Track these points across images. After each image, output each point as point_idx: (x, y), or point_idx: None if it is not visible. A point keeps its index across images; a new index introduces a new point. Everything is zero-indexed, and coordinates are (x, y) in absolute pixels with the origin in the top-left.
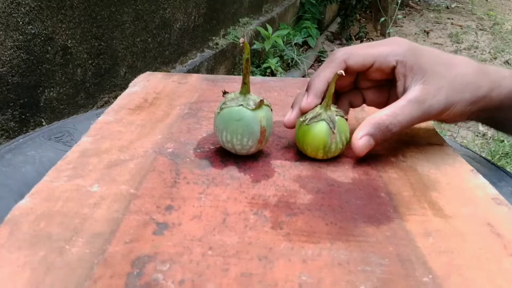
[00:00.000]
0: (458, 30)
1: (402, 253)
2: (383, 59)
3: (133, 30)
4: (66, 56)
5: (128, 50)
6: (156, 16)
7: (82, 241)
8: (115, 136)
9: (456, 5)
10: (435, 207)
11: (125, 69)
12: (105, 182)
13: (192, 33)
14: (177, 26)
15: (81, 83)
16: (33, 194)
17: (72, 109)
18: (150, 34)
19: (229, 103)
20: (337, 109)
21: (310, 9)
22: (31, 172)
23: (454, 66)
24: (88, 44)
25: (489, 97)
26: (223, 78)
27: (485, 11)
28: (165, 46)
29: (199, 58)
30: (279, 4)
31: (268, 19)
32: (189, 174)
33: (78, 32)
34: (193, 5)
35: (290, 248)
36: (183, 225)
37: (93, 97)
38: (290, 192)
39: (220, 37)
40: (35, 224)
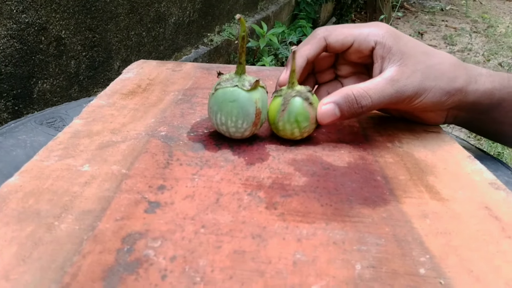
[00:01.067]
0: (452, 32)
1: (398, 233)
2: (363, 39)
3: (128, 23)
4: (59, 47)
5: (122, 43)
6: (151, 9)
7: (72, 218)
8: (107, 119)
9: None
10: (432, 191)
11: (119, 63)
12: (96, 162)
13: (187, 29)
14: (172, 20)
15: (74, 76)
16: (22, 173)
17: (65, 102)
18: (145, 28)
19: (224, 84)
20: (304, 90)
21: (305, 8)
22: (21, 156)
23: (432, 55)
24: (82, 36)
25: (465, 91)
26: (218, 67)
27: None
28: (159, 41)
29: (194, 54)
30: (274, 2)
31: (263, 17)
32: (182, 156)
33: (72, 23)
34: (188, 0)
35: (285, 228)
36: (175, 204)
37: (87, 90)
38: (284, 175)
39: (215, 34)
40: (23, 201)
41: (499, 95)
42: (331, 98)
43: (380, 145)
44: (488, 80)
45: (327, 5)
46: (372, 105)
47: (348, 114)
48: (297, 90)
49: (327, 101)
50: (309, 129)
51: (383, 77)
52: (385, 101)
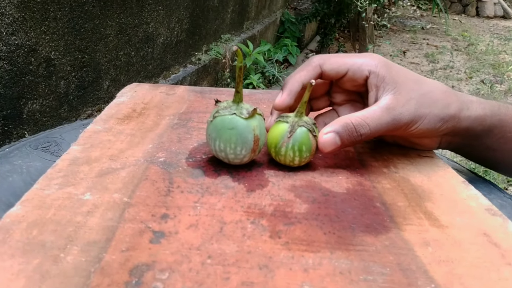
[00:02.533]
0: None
1: (402, 262)
2: (357, 68)
3: (117, 43)
4: (49, 68)
5: (112, 63)
6: (140, 30)
7: (77, 249)
8: (104, 145)
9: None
10: (431, 217)
11: (108, 82)
12: (97, 190)
13: (175, 48)
14: (160, 40)
15: (64, 96)
16: (24, 202)
17: (55, 122)
18: (133, 48)
19: (222, 112)
20: (310, 122)
21: (290, 27)
22: (18, 182)
23: (424, 83)
24: (72, 57)
25: (457, 117)
26: (210, 90)
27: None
28: (148, 60)
29: (182, 73)
30: (259, 21)
31: (249, 36)
32: (182, 183)
33: (61, 44)
34: (176, 20)
35: (290, 257)
36: (179, 234)
37: (76, 110)
38: (285, 202)
39: (202, 53)
40: (27, 232)
41: (490, 121)
42: (331, 127)
43: (377, 171)
44: (480, 107)
45: (311, 24)
46: (371, 133)
47: (348, 142)
48: (304, 120)
49: (328, 130)
50: (308, 159)
51: (379, 105)
52: (383, 129)
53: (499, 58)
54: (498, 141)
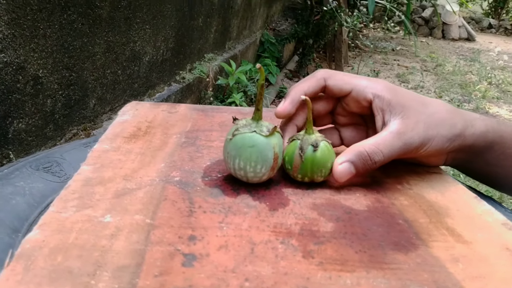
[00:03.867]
0: (404, 71)
1: (437, 280)
2: (361, 90)
3: (104, 61)
4: (36, 86)
5: (98, 81)
6: (127, 48)
7: (108, 275)
8: (116, 165)
9: (400, 47)
10: (454, 234)
11: (95, 101)
12: (117, 212)
13: (160, 67)
14: (147, 59)
15: (50, 115)
16: (42, 226)
17: (40, 141)
18: (120, 66)
19: (242, 129)
20: (320, 138)
21: (269, 48)
22: (22, 204)
23: (429, 104)
24: (59, 75)
25: (463, 135)
26: (212, 109)
27: (427, 54)
28: (134, 79)
29: (167, 91)
30: (240, 41)
31: (231, 55)
32: (203, 203)
33: (49, 62)
34: (162, 39)
35: (328, 278)
36: (211, 256)
37: (62, 129)
38: (310, 220)
39: (186, 72)
40: (51, 259)
41: (492, 137)
42: (345, 157)
43: (391, 187)
44: (482, 123)
45: (288, 45)
46: (384, 160)
47: (362, 170)
48: (314, 138)
49: (342, 160)
50: (326, 175)
51: (389, 131)
52: (395, 154)
53: (466, 78)
54: (498, 157)
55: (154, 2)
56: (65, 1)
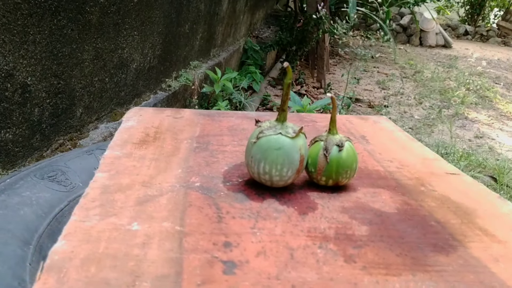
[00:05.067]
0: (384, 78)
1: (484, 280)
2: None
3: (92, 69)
4: (25, 95)
5: (86, 89)
6: (115, 55)
7: (148, 285)
8: (131, 171)
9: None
10: (487, 234)
11: (82, 110)
12: (143, 220)
13: (147, 74)
14: (134, 66)
15: (37, 124)
16: (67, 236)
17: (26, 152)
18: (108, 73)
19: (267, 132)
20: (344, 139)
21: (253, 55)
22: (30, 215)
23: None
24: (48, 82)
25: None
26: (218, 114)
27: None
28: (121, 87)
29: (153, 99)
30: (225, 49)
31: (216, 63)
32: (230, 208)
33: (38, 69)
34: (150, 45)
35: (375, 282)
36: (251, 263)
37: (48, 139)
38: (343, 224)
39: (172, 79)
40: (84, 270)
41: None
42: None
43: (415, 189)
44: None
45: (271, 53)
46: None
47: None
48: (339, 138)
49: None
50: (350, 177)
51: None
52: None
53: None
54: None
55: (143, 8)
56: (56, 6)
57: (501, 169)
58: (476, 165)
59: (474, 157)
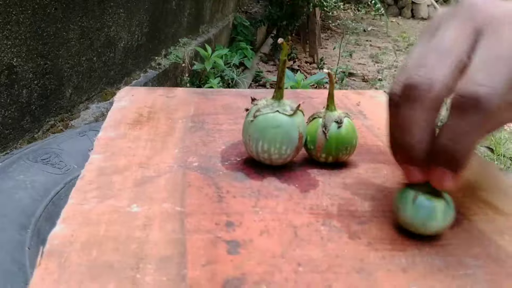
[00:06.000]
0: (377, 51)
1: (490, 252)
2: None
3: (79, 48)
4: (11, 76)
5: (74, 69)
6: (101, 34)
7: (152, 267)
8: (127, 152)
9: (372, 28)
10: (491, 206)
11: (71, 90)
12: (143, 201)
13: (136, 53)
14: (121, 45)
15: (26, 106)
16: (66, 220)
17: (17, 134)
18: (96, 52)
19: (264, 110)
20: (342, 115)
21: (242, 31)
22: (26, 199)
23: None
24: (34, 63)
25: None
26: (212, 92)
27: (399, 34)
28: (110, 66)
29: (143, 78)
30: (214, 25)
31: (205, 40)
32: (230, 187)
33: (23, 50)
34: (137, 23)
35: (382, 258)
36: (255, 242)
37: (39, 121)
38: (346, 200)
39: (162, 57)
40: (85, 254)
41: None
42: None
43: None
44: None
45: (261, 28)
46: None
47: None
48: (337, 114)
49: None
50: (350, 153)
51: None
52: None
53: None
54: None
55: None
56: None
57: (497, 139)
58: None
59: None
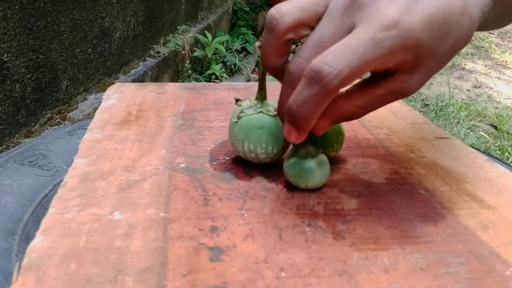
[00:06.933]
0: None
1: (473, 249)
2: None
3: (72, 40)
4: (2, 72)
5: (68, 61)
6: (95, 25)
7: (131, 280)
8: (113, 155)
9: None
10: (476, 199)
11: (67, 82)
12: (126, 208)
13: (133, 42)
14: (117, 35)
15: (20, 100)
16: (45, 231)
17: (13, 129)
18: (90, 44)
19: (247, 111)
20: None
21: (243, 16)
22: (13, 204)
23: None
24: (26, 58)
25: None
26: (203, 86)
27: None
28: (106, 56)
29: (142, 67)
30: (213, 11)
31: (205, 26)
32: (217, 189)
33: (14, 45)
34: (131, 13)
35: (364, 259)
36: (238, 247)
37: (35, 114)
38: (332, 199)
39: (160, 45)
40: (63, 267)
41: None
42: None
43: (404, 156)
44: None
45: (263, 13)
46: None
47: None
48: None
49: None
50: (338, 150)
51: None
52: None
53: None
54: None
55: None
56: None
57: (501, 117)
58: (476, 114)
59: (473, 107)
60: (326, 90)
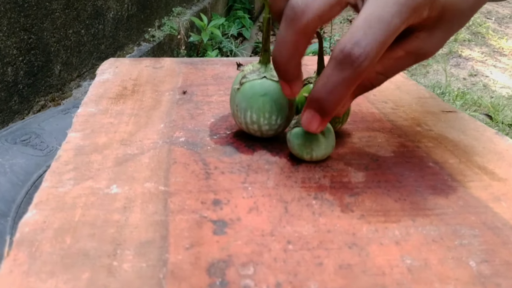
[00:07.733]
0: None
1: (486, 221)
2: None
3: (64, 19)
4: None
5: (61, 43)
6: (88, 3)
7: (131, 253)
8: (108, 129)
9: None
10: (487, 172)
11: (60, 67)
12: (123, 181)
13: (127, 24)
14: (111, 15)
15: (13, 85)
16: (38, 205)
17: (6, 117)
18: (83, 24)
19: (250, 76)
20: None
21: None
22: (5, 184)
23: None
24: (17, 38)
25: None
26: (201, 61)
27: None
28: (100, 39)
29: (137, 52)
30: None
31: (201, 8)
32: (218, 163)
33: (4, 23)
34: None
35: (374, 231)
36: (243, 220)
37: (28, 101)
38: (338, 172)
39: (155, 29)
40: (58, 241)
41: None
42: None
43: (411, 130)
44: None
45: None
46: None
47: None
48: None
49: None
50: (344, 122)
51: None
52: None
53: None
54: None
55: None
56: None
57: (496, 106)
58: (472, 103)
59: (469, 96)
60: (357, 72)
